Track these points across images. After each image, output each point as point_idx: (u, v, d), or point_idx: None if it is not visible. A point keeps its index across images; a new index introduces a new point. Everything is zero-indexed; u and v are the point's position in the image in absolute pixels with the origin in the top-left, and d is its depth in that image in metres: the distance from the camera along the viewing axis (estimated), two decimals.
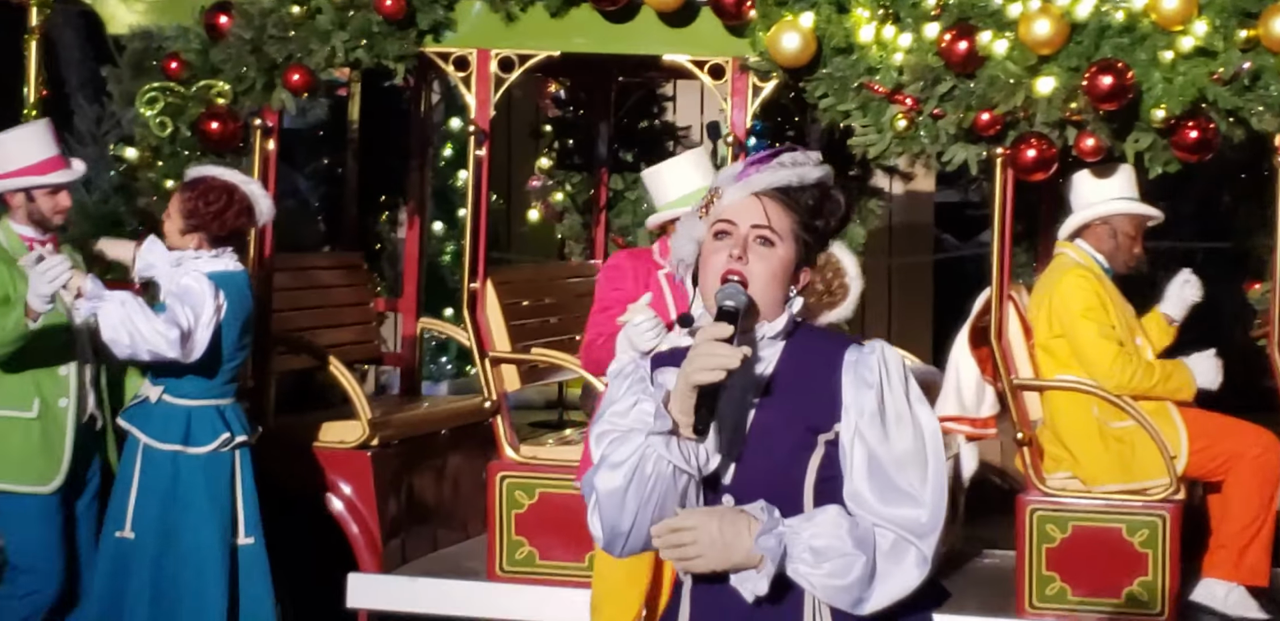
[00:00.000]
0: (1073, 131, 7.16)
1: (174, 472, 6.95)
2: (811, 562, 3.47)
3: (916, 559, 3.51)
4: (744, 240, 3.58)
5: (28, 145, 7.28)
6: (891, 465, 3.53)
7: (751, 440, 3.57)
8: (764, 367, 3.60)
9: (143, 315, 6.70)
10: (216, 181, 7.04)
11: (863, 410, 3.55)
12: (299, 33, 7.76)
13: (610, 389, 3.66)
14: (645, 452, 3.46)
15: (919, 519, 3.51)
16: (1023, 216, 8.40)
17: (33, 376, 7.12)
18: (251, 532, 7.08)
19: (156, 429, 6.96)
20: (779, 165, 3.63)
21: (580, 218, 10.11)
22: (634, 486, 3.47)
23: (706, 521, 3.47)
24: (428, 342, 11.51)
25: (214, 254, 7.03)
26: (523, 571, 7.74)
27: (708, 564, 3.49)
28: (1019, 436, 7.40)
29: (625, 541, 3.55)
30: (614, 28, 7.67)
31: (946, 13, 7.21)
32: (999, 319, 7.36)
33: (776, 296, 3.60)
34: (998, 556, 8.22)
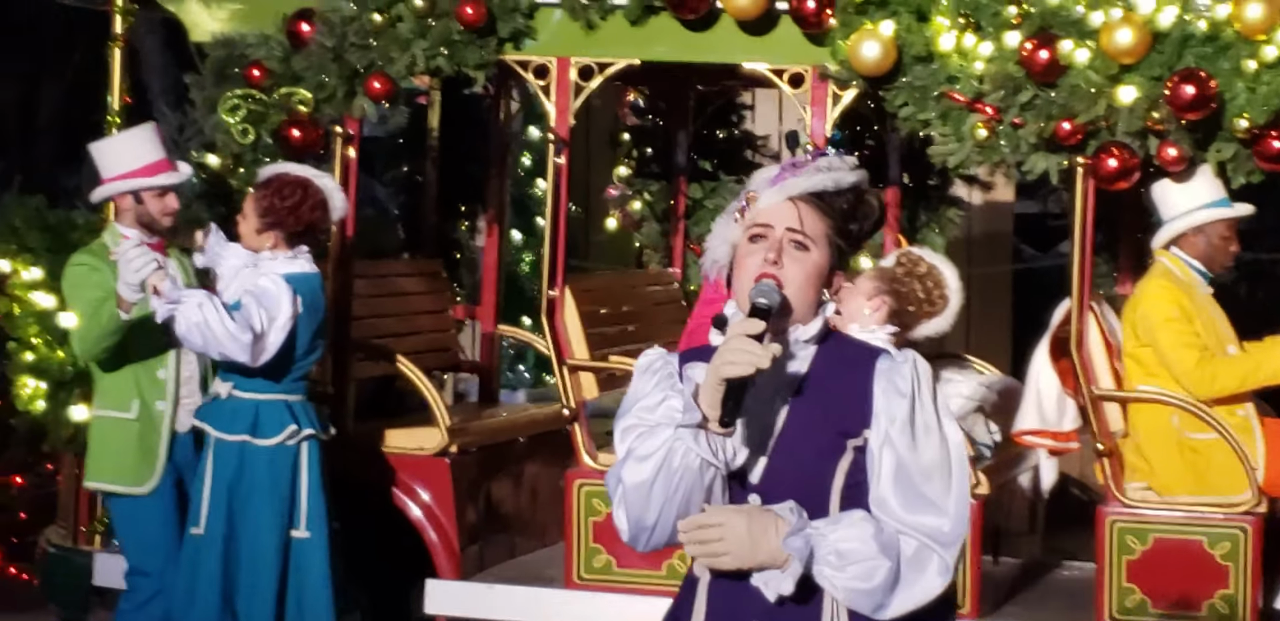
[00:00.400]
0: (1154, 141, 7.12)
1: (240, 464, 7.01)
2: (837, 565, 3.50)
3: (939, 567, 3.55)
4: (778, 244, 3.60)
5: (136, 148, 7.37)
6: (918, 474, 3.57)
7: (782, 441, 3.60)
8: (796, 369, 3.63)
9: (218, 318, 6.76)
10: (290, 177, 7.10)
11: (894, 418, 3.58)
12: (380, 41, 7.79)
13: (637, 383, 3.67)
14: (673, 445, 3.49)
15: (942, 528, 3.55)
16: (1103, 226, 8.35)
17: (134, 378, 7.28)
18: (311, 527, 7.10)
19: (225, 421, 7.03)
20: (815, 170, 3.65)
21: (658, 226, 10.11)
22: (661, 479, 3.50)
23: (735, 519, 3.49)
24: (505, 350, 11.53)
25: (290, 255, 7.07)
26: (600, 579, 7.74)
27: (733, 561, 3.50)
28: (1099, 447, 7.35)
29: (650, 535, 3.57)
30: (694, 36, 7.67)
31: (1028, 21, 7.18)
32: (1079, 330, 7.32)
33: (810, 299, 3.62)
34: (1077, 568, 8.17)
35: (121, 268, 6.83)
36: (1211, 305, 7.60)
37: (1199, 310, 7.48)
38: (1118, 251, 9.00)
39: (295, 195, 7.00)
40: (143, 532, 7.32)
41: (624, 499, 3.55)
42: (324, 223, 7.23)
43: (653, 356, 3.72)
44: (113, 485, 7.33)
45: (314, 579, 7.09)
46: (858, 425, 3.59)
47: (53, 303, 8.14)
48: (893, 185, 9.02)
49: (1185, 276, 7.56)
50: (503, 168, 9.41)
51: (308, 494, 7.10)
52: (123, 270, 6.83)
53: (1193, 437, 7.36)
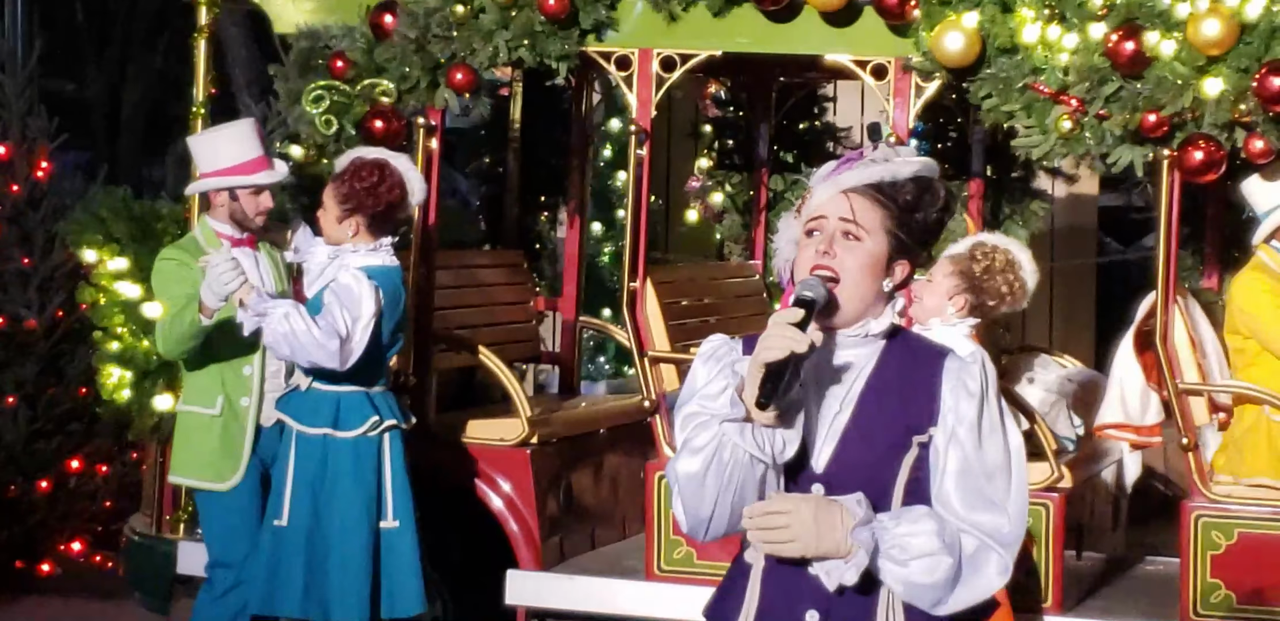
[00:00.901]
0: (1241, 133, 7.05)
1: (323, 456, 7.02)
2: (900, 560, 3.52)
3: (999, 566, 3.59)
4: (830, 235, 3.62)
5: (234, 145, 7.39)
6: (981, 474, 3.60)
7: (849, 433, 3.61)
8: (865, 363, 3.65)
9: (305, 327, 6.79)
10: (366, 159, 7.11)
11: (962, 417, 3.61)
12: (462, 32, 7.80)
13: (700, 370, 3.66)
14: (722, 439, 3.51)
15: (1001, 528, 3.59)
16: (1188, 219, 8.29)
17: (219, 374, 7.32)
18: (399, 516, 7.10)
19: (307, 414, 7.05)
20: (870, 162, 3.65)
21: (740, 218, 10.09)
22: (712, 472, 3.52)
23: (802, 507, 3.51)
24: (586, 342, 11.54)
25: (371, 247, 7.06)
26: (681, 570, 7.74)
27: (798, 549, 3.51)
28: (1183, 442, 7.29)
29: (707, 527, 3.59)
30: (775, 27, 7.65)
31: (1113, 13, 7.13)
32: (1165, 323, 7.26)
33: (869, 288, 3.62)
34: (1161, 563, 8.12)
35: (209, 278, 6.86)
36: None
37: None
38: (1203, 245, 8.94)
39: (373, 176, 7.01)
40: (225, 526, 7.35)
41: (680, 491, 3.59)
42: (403, 205, 7.18)
43: (716, 343, 3.73)
44: (196, 481, 7.38)
45: (404, 567, 7.09)
46: (924, 422, 3.62)
47: (138, 292, 8.20)
48: (976, 177, 8.98)
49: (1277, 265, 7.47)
50: (584, 159, 9.42)
51: (393, 483, 7.10)
52: (210, 281, 6.86)
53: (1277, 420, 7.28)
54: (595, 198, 10.95)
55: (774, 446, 3.52)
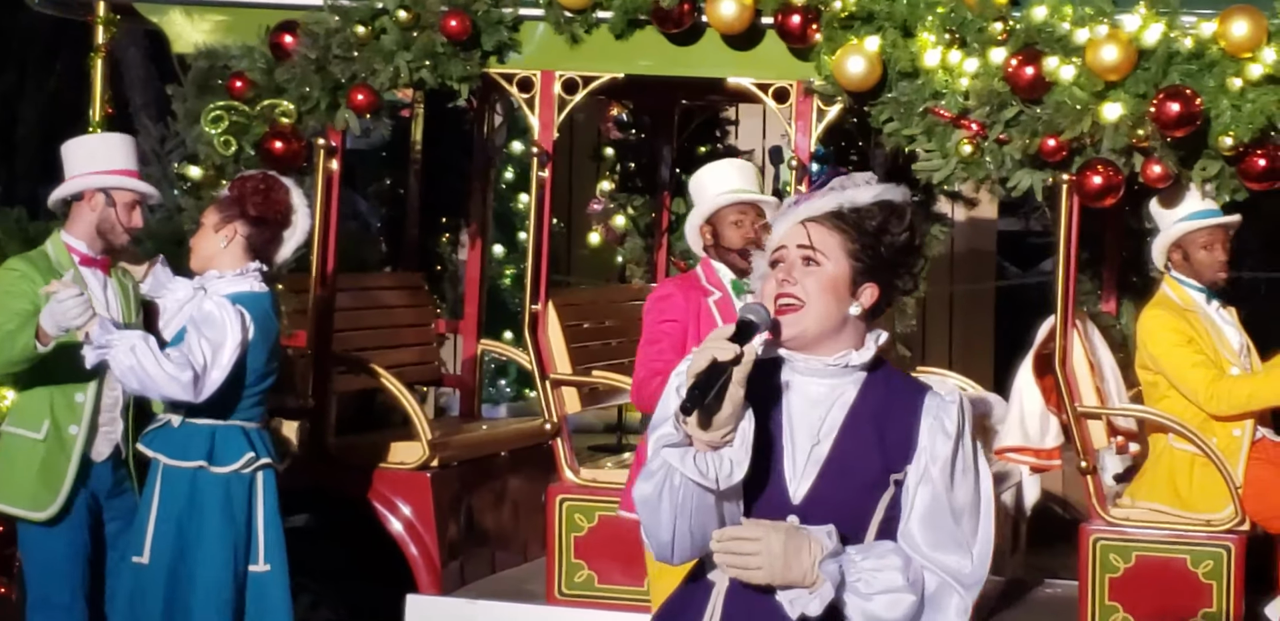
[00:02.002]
0: (1139, 158, 7.11)
1: (191, 492, 6.69)
2: (864, 593, 3.53)
3: (959, 607, 3.60)
4: (790, 264, 3.64)
5: (117, 150, 7.11)
6: (950, 514, 3.61)
7: (828, 466, 3.61)
8: (845, 396, 3.65)
9: (153, 360, 6.43)
10: (258, 173, 6.98)
11: (936, 456, 3.61)
12: (363, 53, 7.76)
13: (672, 392, 3.64)
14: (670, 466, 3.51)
15: (964, 569, 3.60)
16: (1087, 244, 8.34)
17: (48, 398, 6.89)
18: (270, 560, 6.80)
19: (177, 449, 6.70)
20: (827, 190, 3.67)
21: (642, 241, 10.09)
22: (665, 496, 3.53)
23: (771, 534, 3.50)
24: (487, 365, 11.50)
25: (238, 272, 6.73)
26: (582, 594, 7.71)
27: (763, 577, 3.51)
28: (1082, 465, 7.33)
29: (672, 550, 3.60)
30: (678, 50, 7.65)
31: (1013, 38, 7.17)
32: (1063, 347, 7.30)
33: (832, 310, 3.63)
34: (1059, 586, 8.16)
35: (54, 309, 6.43)
36: (1216, 324, 7.52)
37: (1200, 333, 7.41)
38: (1102, 269, 8.99)
39: (261, 184, 6.78)
40: (48, 561, 6.93)
41: (640, 515, 3.61)
42: (280, 229, 6.90)
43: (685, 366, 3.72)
44: (12, 508, 6.92)
45: (275, 613, 6.81)
46: (900, 460, 3.63)
47: None
48: None
49: (1182, 299, 7.50)
50: (486, 181, 9.39)
51: (265, 525, 6.80)
52: (54, 312, 6.43)
53: (1178, 448, 7.34)
54: (497, 220, 10.93)
55: (719, 470, 3.49)
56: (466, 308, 9.25)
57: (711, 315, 6.58)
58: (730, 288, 6.69)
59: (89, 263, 6.98)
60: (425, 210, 9.43)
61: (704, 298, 6.62)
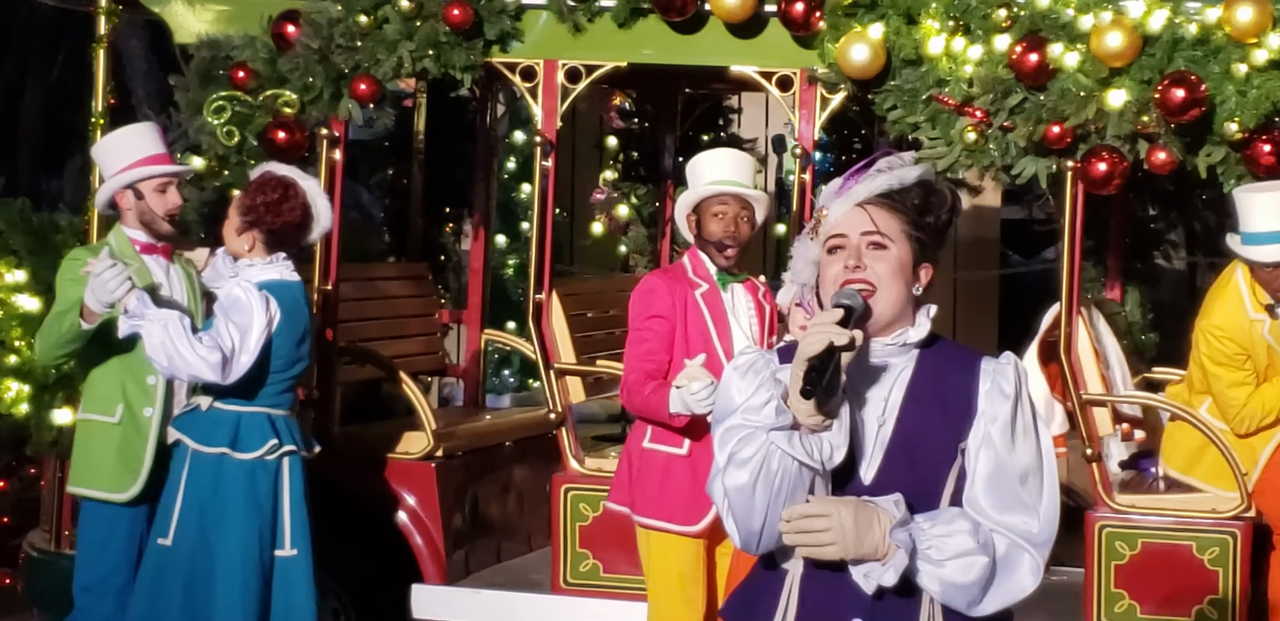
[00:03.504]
0: (1144, 145, 7.10)
1: (217, 477, 6.78)
2: (936, 560, 3.54)
3: (1031, 566, 3.61)
4: (857, 249, 3.64)
5: (133, 142, 7.15)
6: (1014, 475, 3.62)
7: (894, 443, 3.63)
8: (903, 371, 3.67)
9: (185, 338, 6.57)
10: (274, 175, 6.93)
11: (996, 418, 3.63)
12: (366, 42, 7.76)
13: (737, 383, 3.68)
14: (770, 449, 3.52)
15: (1033, 529, 3.61)
16: (1092, 231, 8.34)
17: (120, 383, 7.04)
18: (296, 545, 6.87)
19: (204, 433, 6.80)
20: (876, 172, 3.70)
21: (644, 230, 10.10)
22: (761, 483, 3.54)
23: (841, 510, 3.51)
24: (491, 355, 11.50)
25: (268, 261, 6.85)
26: (586, 584, 7.71)
27: (837, 552, 3.52)
28: (1088, 452, 7.32)
29: (760, 539, 3.60)
30: (681, 39, 7.65)
31: (1017, 25, 7.16)
32: (1068, 335, 7.29)
33: (902, 294, 3.65)
34: (1065, 573, 8.14)
35: (94, 284, 6.61)
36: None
37: (1257, 342, 7.25)
38: (1105, 256, 8.99)
39: (276, 193, 6.84)
40: (104, 549, 7.04)
41: (729, 505, 3.59)
42: (304, 228, 6.99)
43: (752, 356, 3.74)
44: (93, 491, 7.06)
45: (300, 597, 6.87)
46: (966, 428, 3.65)
47: (36, 305, 8.08)
48: None
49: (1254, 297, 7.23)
50: (489, 171, 9.38)
51: (291, 511, 6.87)
52: (95, 287, 6.61)
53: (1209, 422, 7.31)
54: (500, 210, 10.91)
55: (822, 453, 3.53)
56: (470, 297, 9.24)
57: (699, 308, 6.52)
58: (717, 280, 6.61)
59: (150, 250, 7.13)
60: (428, 200, 9.43)
61: (691, 290, 6.55)
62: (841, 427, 3.53)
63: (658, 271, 6.87)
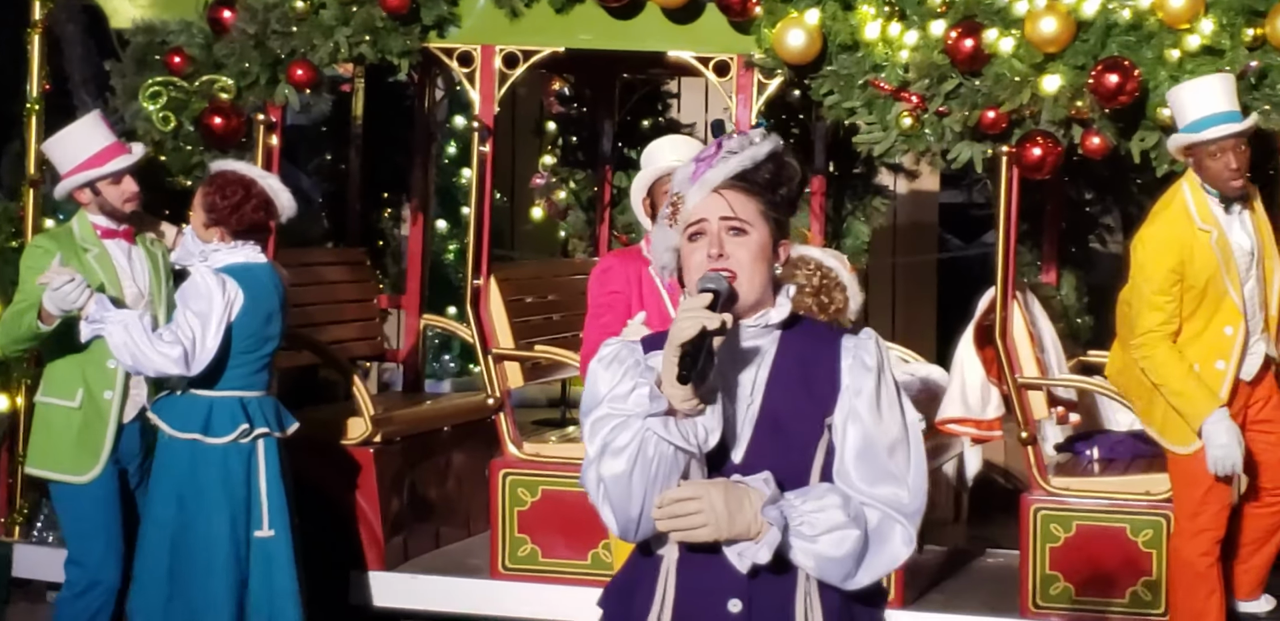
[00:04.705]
0: (1078, 130, 7.14)
1: (191, 463, 6.89)
2: (808, 535, 3.56)
3: (904, 536, 3.63)
4: (717, 235, 3.65)
5: (82, 139, 7.24)
6: (882, 448, 3.64)
7: (761, 421, 3.65)
8: (767, 351, 3.68)
9: (145, 337, 6.71)
10: (233, 176, 6.98)
11: (860, 391, 3.64)
12: (302, 28, 7.74)
13: (602, 374, 3.69)
14: (645, 436, 3.53)
15: (903, 499, 3.63)
16: (1027, 216, 8.38)
17: (80, 367, 7.13)
18: (275, 525, 6.98)
19: (178, 419, 6.92)
20: (727, 154, 3.70)
21: (584, 215, 10.09)
22: (638, 470, 3.54)
23: (711, 491, 3.53)
24: (431, 340, 11.49)
25: (232, 246, 6.94)
26: (525, 568, 7.73)
27: (709, 533, 3.53)
28: (1023, 435, 7.37)
29: (638, 526, 3.61)
30: (618, 24, 7.65)
31: (952, 10, 7.19)
32: (1004, 319, 7.33)
33: (764, 276, 3.66)
34: (1001, 556, 8.20)
35: (51, 296, 6.76)
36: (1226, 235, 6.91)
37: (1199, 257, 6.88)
38: (1041, 240, 9.03)
39: (236, 195, 6.90)
40: (81, 522, 7.19)
41: (606, 494, 3.59)
42: (268, 222, 7.08)
43: (614, 347, 3.75)
44: (53, 472, 7.19)
45: (281, 577, 6.97)
46: (830, 404, 3.66)
47: None
48: (818, 174, 9.02)
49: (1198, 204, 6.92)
50: (427, 156, 9.36)
51: (268, 492, 6.97)
52: (53, 297, 6.76)
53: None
54: (440, 195, 10.89)
55: (697, 436, 3.55)
56: (409, 283, 9.23)
57: (654, 284, 6.57)
58: None
59: (111, 234, 7.24)
60: (367, 186, 9.41)
61: (645, 267, 6.60)
62: (714, 411, 3.56)
63: (613, 252, 6.92)
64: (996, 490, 9.09)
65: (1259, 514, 7.09)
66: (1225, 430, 6.80)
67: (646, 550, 3.72)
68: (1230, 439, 6.80)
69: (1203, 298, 6.88)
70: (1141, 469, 7.46)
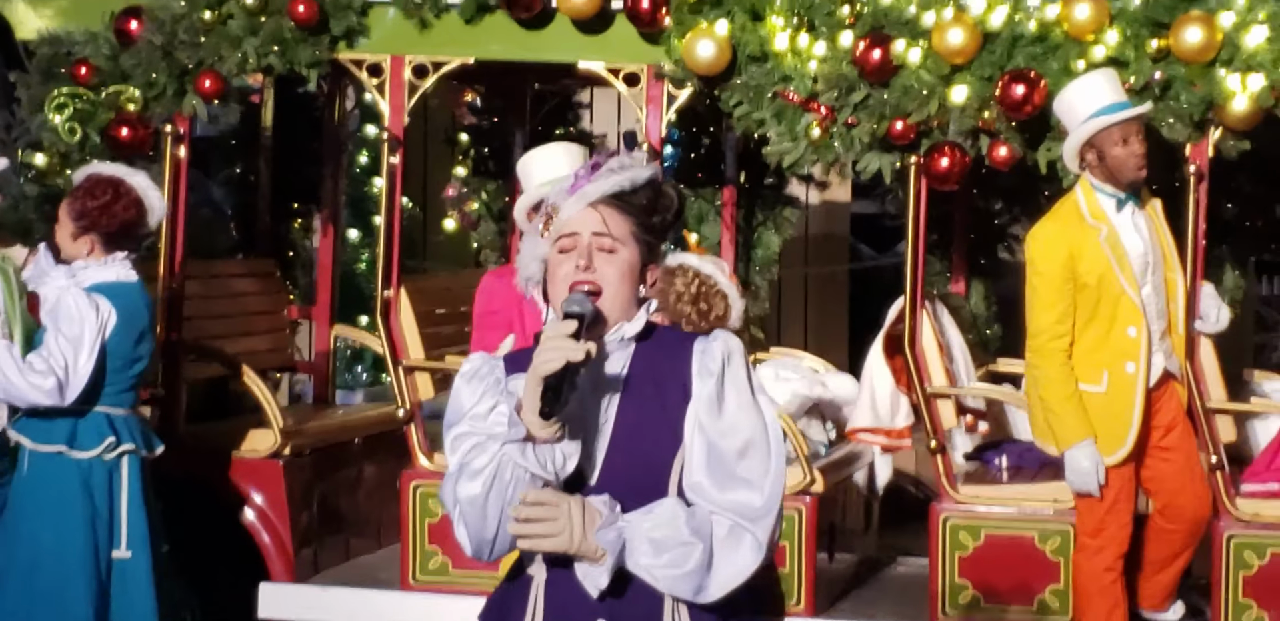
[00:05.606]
0: (986, 140, 7.19)
1: (55, 477, 6.72)
2: (650, 554, 3.54)
3: (751, 544, 3.58)
4: (587, 249, 3.65)
5: None
6: (731, 452, 3.60)
7: (615, 440, 3.64)
8: (619, 368, 3.67)
9: (15, 368, 6.56)
10: (101, 176, 6.86)
11: (701, 397, 3.63)
12: (210, 38, 7.71)
13: (464, 390, 3.68)
14: (502, 460, 3.53)
15: (753, 503, 3.59)
16: (936, 226, 8.42)
17: None
18: (133, 547, 6.80)
19: (41, 433, 6.74)
20: (608, 171, 3.70)
21: (496, 226, 10.05)
22: (494, 493, 3.55)
23: (571, 502, 3.53)
24: (343, 351, 11.43)
25: (103, 262, 6.79)
26: (436, 580, 7.71)
27: (556, 544, 3.53)
28: (932, 444, 7.40)
29: (492, 547, 3.62)
30: (528, 35, 7.66)
31: (861, 21, 7.23)
32: (913, 328, 7.37)
33: (628, 296, 3.67)
34: (911, 564, 8.24)
35: None
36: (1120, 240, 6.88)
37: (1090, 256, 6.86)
38: (950, 250, 9.08)
39: (106, 194, 6.78)
40: None
41: (462, 515, 3.60)
42: (141, 223, 6.92)
43: (476, 362, 3.74)
44: None
45: (138, 601, 6.80)
46: (684, 413, 3.64)
47: None
48: (729, 184, 9.04)
49: (1091, 209, 6.91)
50: (338, 166, 9.34)
51: (128, 511, 6.80)
52: None
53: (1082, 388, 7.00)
54: (352, 205, 10.85)
55: (555, 463, 3.54)
56: (319, 293, 9.19)
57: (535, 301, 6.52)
58: None
59: None
60: (277, 196, 9.36)
61: None
62: (573, 436, 3.55)
63: (494, 270, 6.85)
64: (907, 498, 9.13)
65: (1164, 535, 7.13)
66: (1087, 457, 6.87)
67: (517, 572, 3.71)
68: (1090, 467, 6.86)
69: (1099, 298, 6.88)
70: (1049, 477, 7.49)
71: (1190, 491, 7.09)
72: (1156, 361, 6.99)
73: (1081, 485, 6.89)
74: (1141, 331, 6.91)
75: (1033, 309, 6.96)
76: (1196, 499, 7.10)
